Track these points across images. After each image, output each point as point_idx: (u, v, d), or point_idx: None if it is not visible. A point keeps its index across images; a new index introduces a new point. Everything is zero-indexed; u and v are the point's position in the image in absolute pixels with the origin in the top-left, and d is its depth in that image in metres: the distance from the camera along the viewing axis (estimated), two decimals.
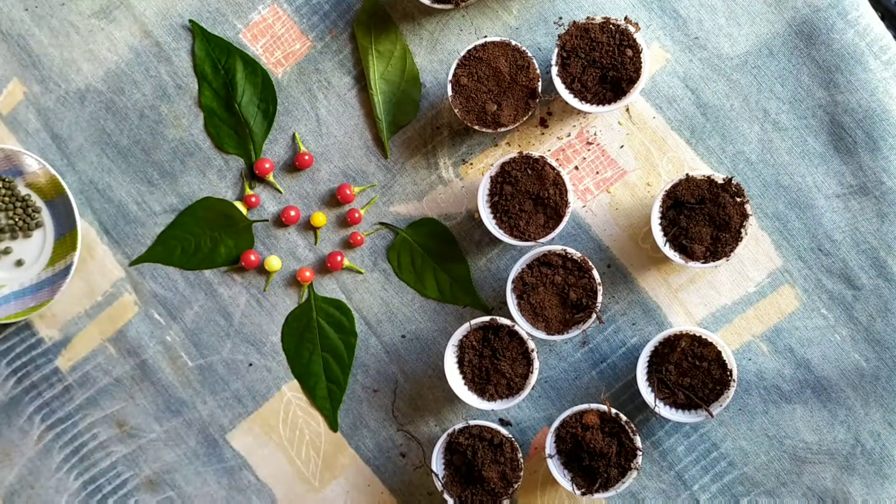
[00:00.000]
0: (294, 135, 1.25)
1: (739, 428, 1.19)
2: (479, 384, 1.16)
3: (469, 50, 1.16)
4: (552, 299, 1.15)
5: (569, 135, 1.21)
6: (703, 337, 1.14)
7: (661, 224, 1.14)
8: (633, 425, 1.13)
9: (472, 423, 1.16)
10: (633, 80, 1.14)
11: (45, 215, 1.27)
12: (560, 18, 1.21)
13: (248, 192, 1.25)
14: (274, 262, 1.24)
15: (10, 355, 1.28)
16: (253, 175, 1.26)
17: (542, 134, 1.22)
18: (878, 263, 1.17)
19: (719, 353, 1.13)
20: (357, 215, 1.24)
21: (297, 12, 1.25)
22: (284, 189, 1.26)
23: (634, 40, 1.14)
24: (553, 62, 1.14)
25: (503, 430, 1.16)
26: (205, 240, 1.26)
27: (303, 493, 1.26)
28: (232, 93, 1.25)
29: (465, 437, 1.16)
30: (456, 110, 1.16)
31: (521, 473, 1.16)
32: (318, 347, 1.25)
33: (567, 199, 1.14)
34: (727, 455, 1.19)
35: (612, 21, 1.14)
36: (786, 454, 1.19)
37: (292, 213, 1.24)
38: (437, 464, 1.17)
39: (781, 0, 1.18)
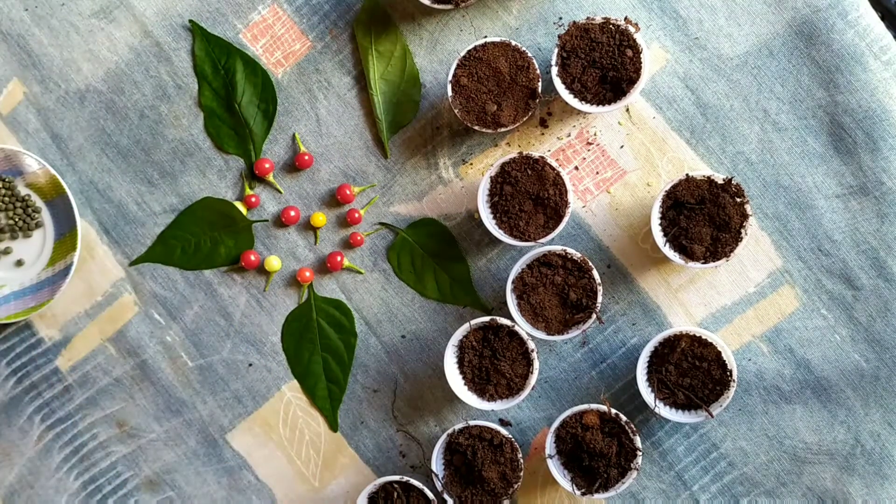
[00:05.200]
0: (294, 135, 1.25)
1: (739, 428, 1.19)
2: (479, 384, 1.16)
3: (469, 50, 1.16)
4: (552, 299, 1.15)
5: (569, 135, 1.21)
6: (703, 337, 1.14)
7: (661, 224, 1.14)
8: (632, 425, 1.13)
9: (472, 423, 1.16)
10: (633, 81, 1.14)
11: (45, 215, 1.27)
12: (560, 19, 1.21)
13: (248, 192, 1.25)
14: (274, 263, 1.24)
15: (10, 355, 1.28)
16: (253, 175, 1.26)
17: (542, 134, 1.22)
18: (878, 263, 1.17)
19: (719, 353, 1.13)
20: (357, 215, 1.24)
21: (297, 12, 1.25)
22: (284, 189, 1.26)
23: (634, 40, 1.14)
24: (553, 62, 1.14)
25: (503, 431, 1.16)
26: (205, 240, 1.26)
27: (303, 493, 1.26)
28: (232, 93, 1.25)
29: (465, 437, 1.16)
30: (456, 110, 1.16)
31: (521, 474, 1.16)
32: (318, 347, 1.25)
33: (567, 199, 1.14)
34: (727, 455, 1.19)
35: (612, 21, 1.14)
36: (786, 454, 1.19)
37: (292, 213, 1.24)
38: (437, 464, 1.17)
39: (781, 0, 1.18)
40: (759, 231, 1.19)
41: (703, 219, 1.12)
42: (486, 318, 1.15)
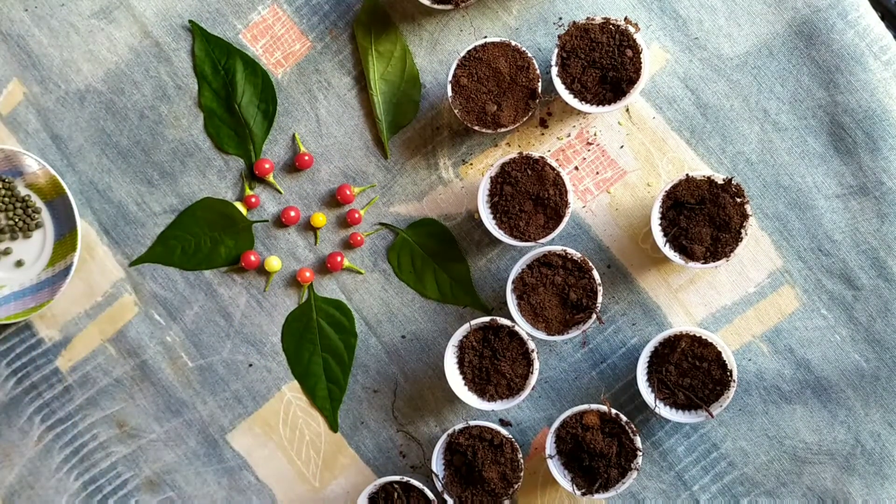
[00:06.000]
0: (294, 135, 1.25)
1: (739, 428, 1.19)
2: (480, 384, 1.16)
3: (469, 50, 1.16)
4: (552, 300, 1.15)
5: (569, 135, 1.21)
6: (703, 337, 1.14)
7: (661, 224, 1.14)
8: (633, 426, 1.13)
9: (472, 423, 1.16)
10: (633, 81, 1.14)
11: (45, 216, 1.27)
12: (560, 19, 1.21)
13: (248, 192, 1.25)
14: (274, 263, 1.24)
15: (10, 355, 1.28)
16: (253, 175, 1.26)
17: (542, 134, 1.22)
18: (878, 263, 1.17)
19: (719, 353, 1.13)
20: (357, 216, 1.24)
21: (297, 13, 1.25)
22: (284, 189, 1.26)
23: (634, 41, 1.14)
24: (553, 62, 1.14)
25: (503, 431, 1.16)
26: (205, 240, 1.26)
27: (303, 493, 1.26)
28: (232, 93, 1.25)
29: (465, 437, 1.16)
30: (456, 111, 1.16)
31: (522, 474, 1.16)
32: (318, 348, 1.25)
33: (567, 199, 1.14)
34: (727, 455, 1.19)
35: (612, 21, 1.14)
36: (786, 454, 1.19)
37: (292, 213, 1.24)
38: (437, 464, 1.17)
39: (781, 0, 1.18)
40: (759, 231, 1.19)
41: (703, 219, 1.12)
42: (486, 319, 1.15)
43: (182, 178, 1.26)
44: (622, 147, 1.21)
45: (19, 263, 1.28)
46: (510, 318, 1.15)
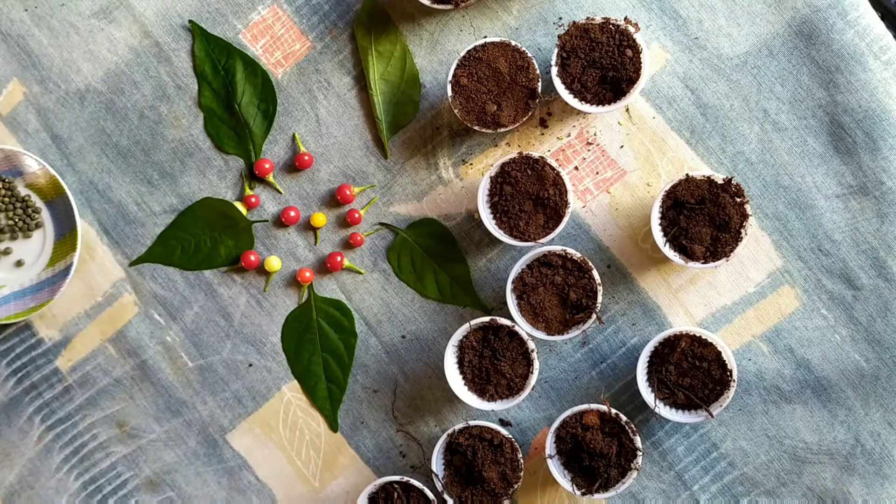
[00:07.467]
0: (294, 135, 1.25)
1: (739, 428, 1.19)
2: (479, 384, 1.16)
3: (469, 50, 1.16)
4: (552, 300, 1.15)
5: (569, 135, 1.21)
6: (703, 337, 1.14)
7: (661, 224, 1.14)
8: (633, 425, 1.13)
9: (472, 423, 1.16)
10: (632, 81, 1.14)
11: (45, 216, 1.27)
12: (560, 19, 1.21)
13: (248, 192, 1.25)
14: (274, 263, 1.24)
15: (10, 355, 1.28)
16: (253, 175, 1.26)
17: (542, 134, 1.22)
18: (878, 263, 1.17)
19: (719, 353, 1.13)
20: (357, 216, 1.24)
21: (297, 13, 1.25)
22: (284, 189, 1.26)
23: (634, 41, 1.14)
24: (553, 62, 1.14)
25: (503, 431, 1.16)
26: (205, 240, 1.26)
27: (303, 493, 1.26)
28: (232, 93, 1.25)
29: (465, 437, 1.16)
30: (456, 111, 1.16)
31: (521, 474, 1.16)
32: (318, 348, 1.25)
33: (567, 199, 1.14)
34: (727, 455, 1.19)
35: (611, 21, 1.14)
36: (786, 454, 1.19)
37: (292, 213, 1.24)
38: (437, 464, 1.17)
39: (781, 0, 1.18)
40: (759, 231, 1.19)
41: (703, 219, 1.12)
42: (486, 318, 1.15)
43: (182, 178, 1.26)
44: (622, 147, 1.21)
45: (19, 263, 1.28)
46: (510, 318, 1.15)
